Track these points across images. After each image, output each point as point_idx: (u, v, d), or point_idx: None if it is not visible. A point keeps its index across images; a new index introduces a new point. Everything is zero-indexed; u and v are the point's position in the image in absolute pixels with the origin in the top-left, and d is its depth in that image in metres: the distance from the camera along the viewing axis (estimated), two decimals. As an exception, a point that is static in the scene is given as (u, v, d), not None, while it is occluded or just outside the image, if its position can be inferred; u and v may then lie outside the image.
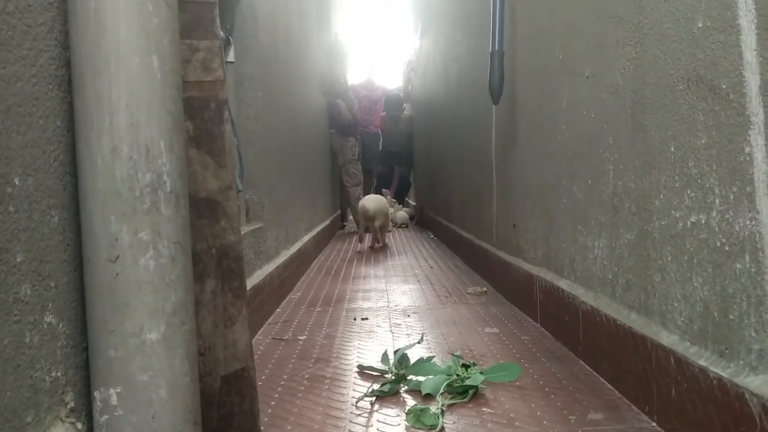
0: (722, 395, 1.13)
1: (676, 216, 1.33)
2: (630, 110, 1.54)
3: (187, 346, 1.04)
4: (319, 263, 4.37)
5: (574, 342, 1.95)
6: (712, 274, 1.20)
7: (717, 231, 1.18)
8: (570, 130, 2.00)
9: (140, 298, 0.99)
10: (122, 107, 0.98)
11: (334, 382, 1.78)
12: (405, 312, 2.69)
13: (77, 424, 1.01)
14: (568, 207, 2.04)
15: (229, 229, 1.25)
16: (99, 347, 1.00)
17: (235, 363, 1.27)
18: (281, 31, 3.44)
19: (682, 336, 1.32)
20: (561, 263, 2.14)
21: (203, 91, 1.22)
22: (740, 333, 1.11)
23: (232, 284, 1.26)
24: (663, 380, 1.35)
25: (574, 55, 1.94)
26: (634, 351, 1.50)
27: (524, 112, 2.56)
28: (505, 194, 2.98)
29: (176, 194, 1.03)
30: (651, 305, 1.47)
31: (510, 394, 1.64)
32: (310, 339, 2.27)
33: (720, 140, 1.16)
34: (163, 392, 1.01)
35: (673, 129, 1.33)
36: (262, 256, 2.67)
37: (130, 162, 0.99)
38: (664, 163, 1.37)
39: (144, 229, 0.99)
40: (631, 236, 1.56)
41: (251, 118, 2.69)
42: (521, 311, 2.61)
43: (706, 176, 1.21)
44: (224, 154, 1.24)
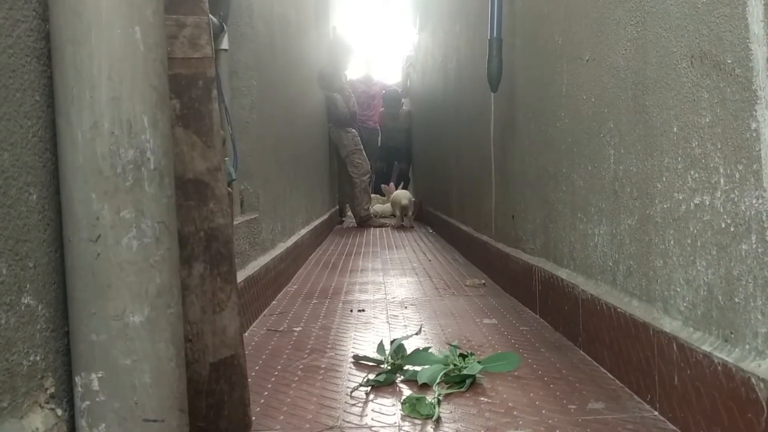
0: (727, 381, 1.09)
1: (678, 198, 1.29)
2: (631, 92, 1.50)
3: (173, 330, 1.01)
4: (317, 257, 4.33)
5: (573, 332, 1.92)
6: (716, 257, 1.16)
7: (722, 212, 1.14)
8: (569, 116, 1.96)
9: (123, 280, 0.95)
10: (103, 80, 0.94)
11: (328, 372, 1.74)
12: (402, 304, 2.65)
13: (57, 411, 0.97)
14: (568, 195, 2.00)
15: (218, 212, 1.21)
16: (80, 331, 0.96)
17: (224, 350, 1.23)
18: (277, 20, 3.40)
19: (685, 322, 1.28)
20: (560, 252, 2.10)
21: (190, 69, 1.18)
22: (746, 316, 1.07)
23: (221, 268, 1.22)
24: (665, 368, 1.32)
25: (574, 39, 1.90)
26: (635, 339, 1.46)
27: (523, 100, 2.52)
28: (503, 185, 2.95)
29: (161, 172, 0.99)
30: (653, 291, 1.43)
31: (508, 383, 1.61)
32: (305, 330, 2.23)
33: (725, 117, 1.12)
34: (147, 377, 0.97)
35: (676, 109, 1.29)
36: (257, 247, 2.63)
37: (112, 138, 0.95)
38: (667, 145, 1.34)
39: (126, 208, 0.96)
40: (633, 221, 1.52)
41: (246, 107, 2.65)
42: (520, 303, 2.57)
43: (711, 156, 1.17)
44: (212, 133, 1.20)
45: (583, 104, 1.83)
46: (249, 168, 2.63)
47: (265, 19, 3.02)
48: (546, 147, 2.22)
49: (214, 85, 1.20)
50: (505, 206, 2.91)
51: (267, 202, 2.89)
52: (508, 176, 2.83)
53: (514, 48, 2.56)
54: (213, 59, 1.20)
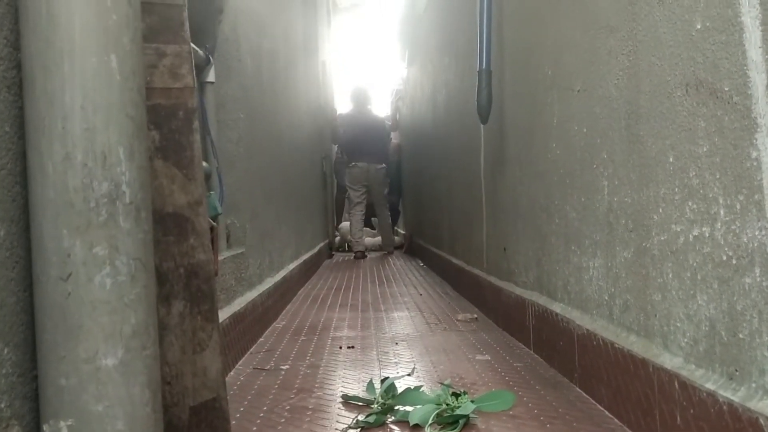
0: (733, 421, 1.04)
1: (676, 230, 1.25)
2: (624, 122, 1.47)
3: (149, 372, 0.95)
4: (306, 291, 4.26)
5: (569, 368, 1.86)
6: (718, 291, 1.12)
7: (722, 244, 1.10)
8: (561, 147, 1.93)
9: (95, 320, 0.90)
10: (77, 110, 0.90)
11: (316, 413, 1.68)
12: (393, 340, 2.59)
13: (23, 462, 0.91)
14: (561, 227, 1.96)
15: (199, 247, 1.16)
16: (49, 375, 0.90)
17: (205, 392, 1.17)
18: (266, 54, 3.38)
19: (687, 358, 1.23)
20: (554, 286, 2.05)
21: (171, 99, 1.14)
22: (751, 353, 1.03)
23: (202, 307, 1.17)
24: (667, 406, 1.26)
25: (565, 69, 1.88)
26: (634, 376, 1.41)
27: (513, 132, 2.50)
28: (495, 218, 2.91)
29: (137, 206, 0.94)
30: (651, 326, 1.38)
31: (503, 423, 1.55)
32: (293, 368, 2.17)
33: (723, 146, 1.08)
34: (121, 424, 0.91)
35: (672, 138, 1.26)
36: (244, 282, 2.57)
37: (85, 170, 0.90)
38: (663, 175, 1.30)
39: (99, 244, 0.90)
40: (628, 254, 1.48)
41: (233, 140, 2.61)
42: (513, 338, 2.52)
43: (709, 186, 1.13)
44: (193, 166, 1.15)
45: (575, 135, 1.80)
46: (236, 202, 2.58)
47: (253, 52, 3.00)
48: (537, 178, 2.19)
49: (196, 116, 1.16)
50: (497, 239, 2.87)
51: (254, 237, 2.83)
52: (499, 208, 2.79)
53: (504, 80, 2.54)
54: (194, 89, 1.16)
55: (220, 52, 2.51)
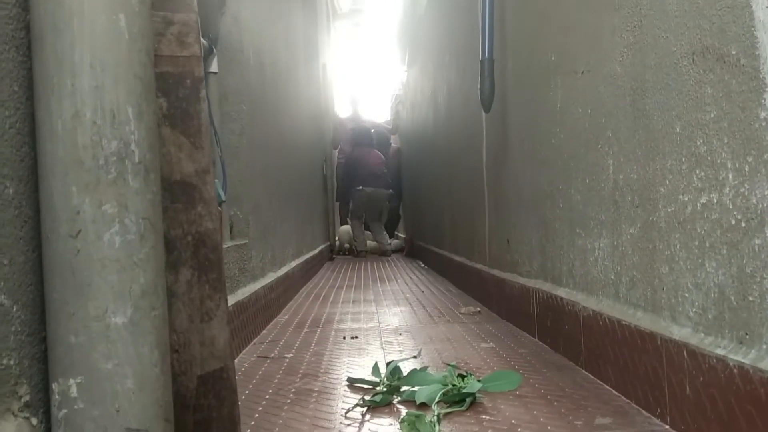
0: (744, 384, 1.03)
1: (684, 200, 1.25)
2: (630, 98, 1.47)
3: (158, 333, 0.94)
4: (308, 290, 4.26)
5: (575, 351, 1.85)
6: (726, 256, 1.12)
7: (731, 208, 1.10)
8: (565, 131, 1.93)
9: (104, 278, 0.90)
10: (86, 68, 0.90)
11: (322, 395, 1.67)
12: (397, 331, 2.59)
13: (32, 420, 0.90)
14: (565, 211, 1.96)
15: (207, 216, 1.16)
16: (58, 333, 0.90)
17: (212, 362, 1.17)
18: (267, 51, 3.39)
19: (695, 328, 1.23)
20: (559, 272, 2.05)
21: (178, 67, 1.14)
22: (762, 314, 1.02)
23: (210, 275, 1.16)
24: (675, 377, 1.26)
25: (568, 53, 1.88)
26: (641, 351, 1.41)
27: (516, 121, 2.50)
28: (497, 211, 2.91)
29: (146, 166, 0.94)
30: (659, 300, 1.38)
31: (510, 402, 1.54)
32: (297, 356, 2.16)
33: (731, 110, 1.08)
34: (130, 383, 0.91)
35: (678, 108, 1.26)
36: (247, 274, 2.57)
37: (94, 128, 0.90)
38: (669, 147, 1.30)
39: (109, 202, 0.90)
40: (635, 230, 1.48)
41: (236, 132, 2.62)
42: (517, 327, 2.51)
43: (717, 152, 1.13)
44: (200, 134, 1.15)
45: (579, 117, 1.80)
46: (239, 194, 2.58)
47: (255, 47, 3.01)
48: (541, 166, 2.19)
49: (203, 85, 1.16)
50: (500, 231, 2.87)
51: (257, 229, 2.83)
52: (502, 200, 2.79)
53: (506, 70, 2.54)
54: (201, 58, 1.16)
55: (223, 43, 2.51)
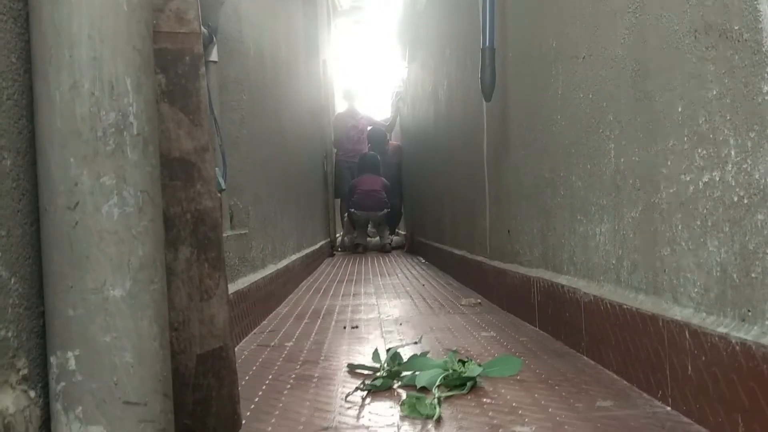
0: (747, 360, 1.03)
1: (685, 180, 1.25)
2: (631, 80, 1.47)
3: (156, 307, 0.94)
4: (308, 284, 4.25)
5: (576, 339, 1.85)
6: (729, 234, 1.11)
7: (733, 185, 1.09)
8: (566, 118, 1.93)
9: (102, 250, 0.89)
10: (83, 39, 0.89)
11: (322, 380, 1.66)
12: (397, 321, 2.58)
13: (30, 393, 0.89)
14: (566, 199, 1.95)
15: (206, 194, 1.15)
16: (56, 306, 0.89)
17: (212, 341, 1.16)
18: (267, 43, 3.38)
19: (697, 308, 1.22)
20: (559, 260, 2.04)
21: (177, 44, 1.13)
22: (765, 290, 1.02)
23: (209, 254, 1.16)
24: (677, 358, 1.25)
25: (569, 39, 1.87)
26: (643, 333, 1.40)
27: (517, 111, 2.49)
28: (498, 202, 2.90)
29: (144, 139, 0.93)
30: (660, 283, 1.37)
31: (511, 386, 1.53)
32: (297, 345, 2.15)
33: (734, 86, 1.08)
34: (128, 356, 0.90)
35: (680, 88, 1.25)
36: (247, 264, 2.56)
37: (92, 99, 0.89)
38: (671, 127, 1.29)
39: (107, 174, 0.90)
40: (636, 213, 1.47)
41: (236, 122, 2.61)
42: (518, 318, 2.50)
43: (719, 129, 1.12)
44: (200, 112, 1.15)
45: (580, 103, 1.79)
46: (239, 184, 2.58)
47: (255, 39, 3.00)
48: (541, 154, 2.18)
49: (202, 62, 1.16)
50: (500, 223, 2.86)
51: (257, 220, 2.82)
52: (503, 191, 2.78)
53: (507, 59, 2.54)
54: (200, 35, 1.16)
55: (223, 32, 2.51)
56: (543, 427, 1.24)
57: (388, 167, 8.34)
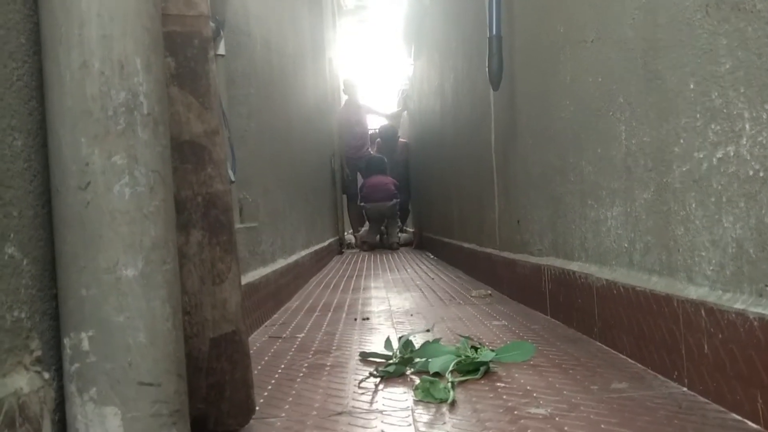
0: (765, 335, 1.02)
1: (699, 157, 1.23)
2: (642, 60, 1.46)
3: (169, 288, 0.93)
4: (318, 280, 4.25)
5: (588, 325, 1.84)
6: (744, 209, 1.10)
7: (749, 159, 1.08)
8: (575, 103, 1.91)
9: (114, 230, 0.89)
10: (93, 17, 0.89)
11: (334, 368, 1.66)
12: (408, 312, 2.57)
13: (44, 374, 0.89)
14: (576, 185, 1.94)
15: (217, 177, 1.15)
16: (69, 287, 0.89)
17: (225, 325, 1.16)
18: (274, 37, 3.38)
19: (713, 286, 1.21)
20: (570, 246, 2.03)
21: (185, 26, 1.13)
22: (782, 264, 1.01)
23: (221, 237, 1.15)
24: (693, 337, 1.24)
25: (577, 23, 1.86)
26: (657, 315, 1.39)
27: (525, 98, 2.48)
28: (506, 192, 2.89)
29: (155, 118, 0.93)
30: (674, 263, 1.36)
31: (524, 371, 1.52)
32: (308, 336, 2.15)
33: (747, 59, 1.06)
34: (142, 336, 0.90)
35: (692, 64, 1.24)
36: (258, 257, 2.56)
37: (102, 78, 0.89)
38: (683, 104, 1.28)
39: (118, 153, 0.89)
40: (648, 195, 1.46)
41: (243, 115, 2.61)
42: (529, 307, 2.49)
43: (733, 103, 1.11)
44: (209, 95, 1.14)
45: (590, 87, 1.78)
46: (247, 177, 2.57)
47: (262, 33, 3.00)
48: (550, 141, 2.17)
49: (211, 46, 1.15)
50: (509, 213, 2.85)
51: (266, 214, 2.82)
52: (511, 182, 2.77)
53: (514, 48, 2.52)
54: (209, 18, 1.15)
55: (230, 26, 2.50)
56: (558, 409, 1.23)
57: (396, 165, 8.33)
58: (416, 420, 1.22)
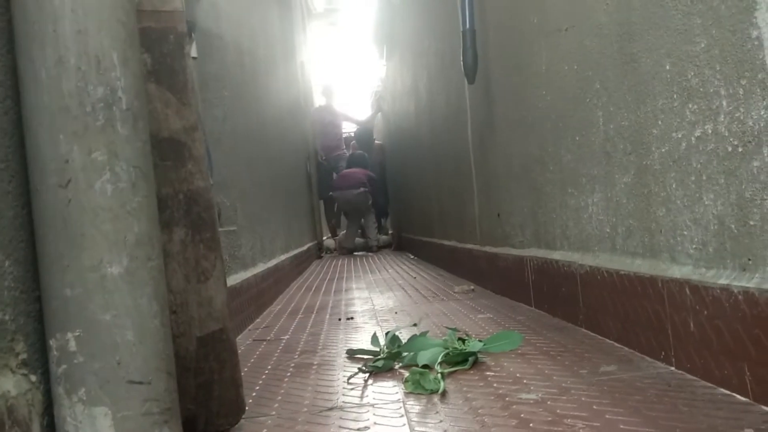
0: (750, 308, 1.03)
1: (677, 137, 1.25)
2: (617, 45, 1.47)
3: (155, 284, 0.92)
4: (299, 283, 4.23)
5: (573, 312, 1.85)
6: (725, 185, 1.11)
7: (727, 135, 1.09)
8: (552, 92, 1.93)
9: (98, 227, 0.87)
10: (67, 13, 0.87)
11: (322, 367, 1.65)
12: (392, 310, 2.57)
13: (31, 377, 0.87)
14: (556, 173, 1.95)
15: (197, 173, 1.13)
16: (53, 287, 0.87)
17: (211, 323, 1.14)
18: (246, 39, 3.37)
19: (696, 264, 1.22)
20: (552, 236, 2.04)
21: (160, 22, 1.11)
22: (764, 237, 1.02)
23: (204, 235, 1.14)
24: (679, 316, 1.25)
25: (551, 13, 1.88)
26: (642, 297, 1.40)
27: (501, 91, 2.49)
28: (486, 187, 2.90)
29: (134, 114, 0.92)
30: (657, 244, 1.37)
31: (512, 360, 1.53)
32: (293, 338, 2.14)
33: (721, 36, 1.08)
34: (130, 334, 0.88)
35: (667, 45, 1.25)
36: (238, 261, 2.54)
37: (79, 74, 0.87)
38: (660, 86, 1.29)
39: (98, 149, 0.88)
40: (628, 178, 1.47)
41: (218, 119, 2.59)
42: (513, 300, 2.50)
43: (709, 81, 1.12)
44: (187, 90, 1.13)
45: (566, 75, 1.79)
46: (224, 180, 2.55)
47: (233, 35, 2.98)
48: (528, 132, 2.18)
49: (186, 41, 1.14)
50: (489, 207, 2.86)
51: (245, 218, 2.80)
52: (490, 175, 2.78)
53: (487, 41, 2.54)
54: (183, 13, 1.14)
55: (201, 29, 2.49)
56: (549, 393, 1.23)
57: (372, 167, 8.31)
58: (408, 411, 1.22)
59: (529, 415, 1.12)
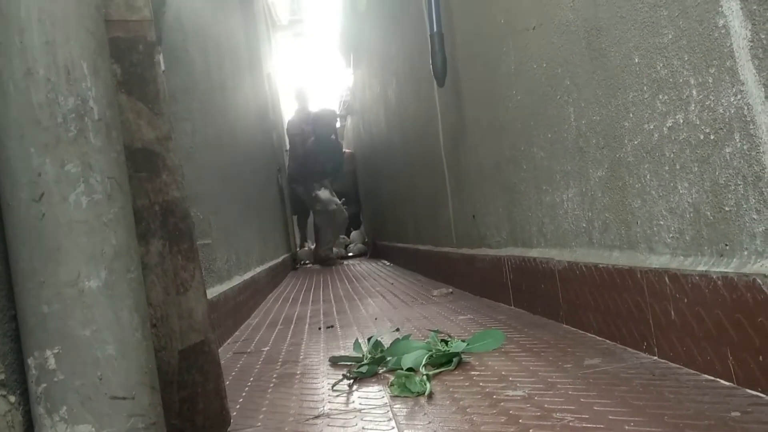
0: (730, 292, 1.04)
1: (649, 129, 1.26)
2: (585, 41, 1.48)
3: (135, 297, 0.90)
4: (275, 295, 4.20)
5: (553, 309, 1.85)
6: (698, 173, 1.12)
7: (698, 124, 1.10)
8: (522, 91, 1.94)
9: (73, 240, 0.85)
10: (33, 23, 0.86)
11: (305, 376, 1.63)
12: (372, 317, 2.56)
13: (9, 398, 0.85)
14: (530, 171, 1.96)
15: (172, 184, 1.12)
16: (29, 304, 0.85)
17: (193, 335, 1.13)
18: (212, 52, 3.34)
19: (674, 252, 1.23)
20: (528, 234, 2.05)
21: (129, 32, 1.10)
22: (739, 221, 1.03)
23: (182, 245, 1.12)
24: (659, 305, 1.26)
25: (517, 13, 1.89)
26: (622, 289, 1.41)
27: (471, 93, 2.50)
28: (460, 190, 2.90)
29: (107, 123, 0.90)
30: (634, 236, 1.38)
31: (496, 358, 1.53)
32: (274, 348, 2.12)
33: (688, 27, 1.09)
34: (111, 349, 0.86)
35: (635, 39, 1.26)
36: (214, 274, 2.51)
37: (49, 85, 0.86)
38: (630, 79, 1.31)
39: (71, 161, 0.86)
40: (602, 172, 1.49)
41: (188, 132, 2.56)
42: (492, 300, 2.50)
43: (678, 72, 1.14)
44: (159, 100, 1.12)
45: (535, 74, 1.80)
46: (197, 193, 2.52)
47: (199, 48, 2.96)
48: (500, 132, 2.19)
49: (156, 50, 1.13)
50: (464, 209, 2.87)
51: (219, 231, 2.78)
52: (464, 177, 2.79)
53: (456, 43, 2.55)
54: (152, 22, 1.13)
55: (167, 42, 2.46)
56: (535, 389, 1.23)
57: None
58: (396, 414, 1.21)
59: (517, 411, 1.12)
